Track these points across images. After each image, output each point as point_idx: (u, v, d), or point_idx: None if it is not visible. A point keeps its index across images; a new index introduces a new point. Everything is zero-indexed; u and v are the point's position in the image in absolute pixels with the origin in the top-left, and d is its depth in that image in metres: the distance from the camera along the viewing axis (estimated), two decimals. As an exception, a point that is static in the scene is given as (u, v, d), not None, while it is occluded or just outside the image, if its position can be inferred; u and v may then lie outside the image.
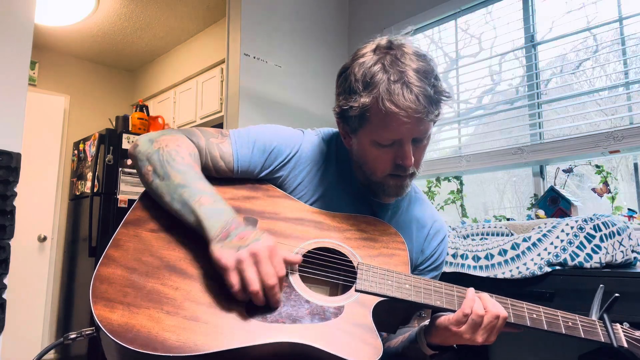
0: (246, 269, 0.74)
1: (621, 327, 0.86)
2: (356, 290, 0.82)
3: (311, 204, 0.96)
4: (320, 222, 0.92)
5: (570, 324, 0.84)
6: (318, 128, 1.07)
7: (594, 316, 0.87)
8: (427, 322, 0.93)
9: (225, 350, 0.70)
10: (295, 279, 0.83)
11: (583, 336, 0.83)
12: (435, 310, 0.90)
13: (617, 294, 0.86)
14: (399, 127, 0.83)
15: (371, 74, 0.84)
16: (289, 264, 0.79)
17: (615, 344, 0.82)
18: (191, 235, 0.83)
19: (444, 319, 0.85)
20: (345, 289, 0.86)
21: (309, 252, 0.87)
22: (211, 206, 0.81)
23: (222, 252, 0.75)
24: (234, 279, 0.74)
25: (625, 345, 0.83)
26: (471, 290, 0.85)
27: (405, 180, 0.92)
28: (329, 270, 0.87)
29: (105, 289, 0.75)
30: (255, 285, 0.73)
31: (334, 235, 0.91)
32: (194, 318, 0.73)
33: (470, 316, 0.81)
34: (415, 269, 1.04)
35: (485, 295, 0.84)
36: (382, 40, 0.88)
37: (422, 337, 0.91)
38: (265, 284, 0.74)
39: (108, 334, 0.69)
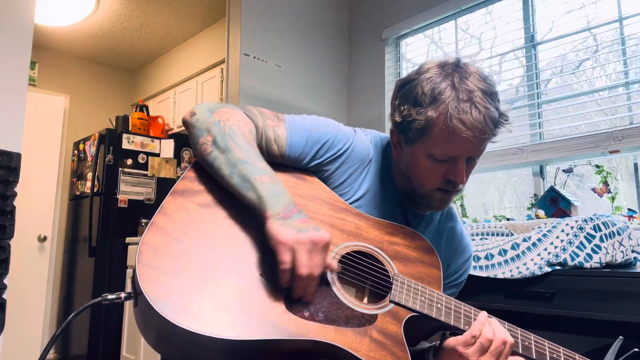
0: (301, 251, 0.75)
1: None
2: (390, 301, 0.84)
3: (352, 202, 0.97)
4: (361, 225, 0.93)
5: None
6: (367, 129, 1.08)
7: None
8: (437, 342, 0.93)
9: (259, 340, 0.71)
10: (334, 279, 0.84)
11: None
12: (454, 333, 0.91)
13: (636, 349, 0.86)
14: (460, 145, 0.85)
15: (440, 89, 0.85)
16: (328, 268, 0.81)
17: None
18: (240, 216, 0.83)
19: (452, 340, 0.86)
20: (373, 295, 0.87)
21: (347, 253, 0.88)
22: (272, 185, 0.82)
23: (283, 230, 0.76)
24: (287, 257, 0.75)
25: None
26: (483, 313, 0.86)
27: (452, 195, 0.95)
28: (364, 275, 0.88)
29: (151, 256, 0.74)
30: (305, 269, 0.75)
31: (372, 241, 0.92)
32: (234, 301, 0.73)
33: (479, 339, 0.82)
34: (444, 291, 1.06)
35: (494, 320, 0.86)
36: (450, 58, 0.90)
37: (430, 356, 0.91)
38: (311, 274, 0.76)
39: (149, 301, 0.69)
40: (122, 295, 0.79)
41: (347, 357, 0.75)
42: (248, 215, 0.82)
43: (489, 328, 0.83)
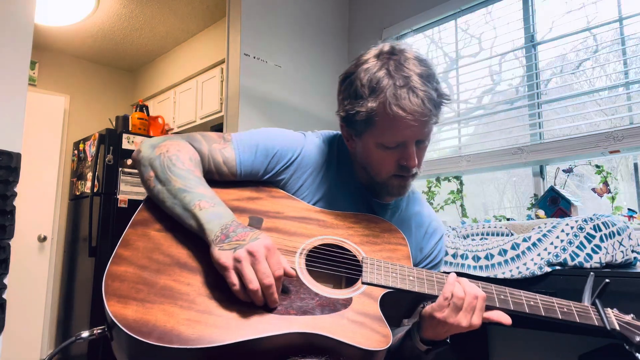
0: (244, 268, 0.75)
1: (612, 312, 0.90)
2: (363, 283, 0.85)
3: (313, 204, 0.99)
4: (324, 220, 0.95)
5: (565, 309, 0.88)
6: (319, 130, 1.09)
7: (587, 302, 0.91)
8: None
9: (240, 342, 0.72)
10: (303, 274, 0.85)
11: (578, 321, 0.87)
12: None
13: (607, 280, 0.91)
14: (404, 130, 0.87)
15: (377, 79, 0.87)
16: (286, 275, 0.80)
17: (608, 327, 0.86)
18: (197, 235, 0.84)
19: (428, 307, 0.87)
20: (349, 283, 0.88)
21: (314, 248, 0.90)
22: (211, 210, 0.83)
23: (221, 254, 0.77)
24: (233, 278, 0.75)
25: (618, 328, 0.87)
26: (452, 275, 0.88)
27: (408, 180, 0.96)
28: (335, 265, 0.90)
29: (117, 286, 0.76)
30: (254, 284, 0.74)
31: (337, 232, 0.94)
32: (208, 312, 0.75)
33: (452, 299, 0.84)
34: (415, 267, 1.06)
35: (464, 279, 0.87)
36: (385, 46, 0.92)
37: (415, 332, 0.93)
38: (262, 283, 0.75)
39: (124, 329, 0.70)
40: (97, 331, 0.79)
41: (328, 342, 0.75)
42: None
43: (460, 287, 0.85)
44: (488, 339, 2.19)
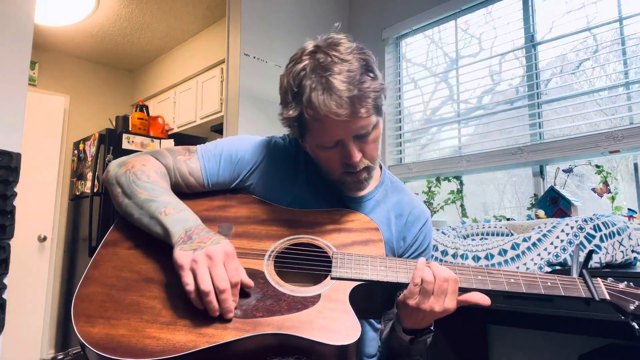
0: (199, 269, 0.75)
1: (603, 282, 0.85)
2: (332, 278, 0.84)
3: (286, 206, 0.98)
4: (294, 220, 0.95)
5: (549, 283, 0.84)
6: (286, 132, 1.07)
7: (575, 275, 0.87)
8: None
9: (205, 348, 0.72)
10: (270, 275, 0.84)
11: (563, 294, 0.82)
12: None
13: (591, 249, 0.86)
14: (335, 129, 0.85)
15: (297, 82, 0.85)
16: (241, 282, 0.79)
17: (597, 298, 0.82)
18: (166, 248, 0.84)
19: (401, 296, 0.86)
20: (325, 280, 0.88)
21: (285, 248, 0.90)
22: (176, 215, 0.84)
23: (180, 253, 0.77)
24: (187, 278, 0.75)
25: (608, 297, 0.82)
26: (421, 260, 0.85)
27: (362, 175, 0.93)
28: (305, 263, 0.89)
29: (85, 306, 0.78)
30: (206, 285, 0.74)
31: (308, 230, 0.93)
32: (173, 322, 0.76)
33: (422, 285, 0.82)
34: (400, 257, 1.04)
35: (434, 263, 0.85)
36: (309, 44, 0.88)
37: (398, 323, 0.91)
38: (217, 287, 0.75)
39: (90, 347, 0.72)
40: (74, 350, 0.81)
41: (298, 341, 0.74)
42: (169, 245, 0.84)
43: (429, 271, 0.82)
44: (488, 339, 2.19)
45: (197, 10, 3.57)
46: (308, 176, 1.02)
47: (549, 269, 1.51)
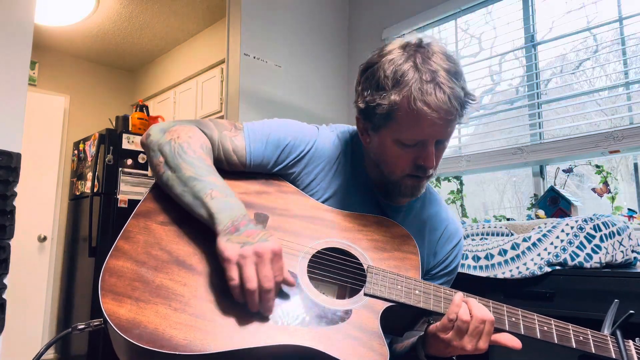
0: (247, 265, 0.73)
1: (633, 344, 0.83)
2: (365, 294, 0.81)
3: (323, 202, 0.95)
4: (332, 220, 0.91)
5: (581, 338, 0.82)
6: (333, 124, 1.05)
7: (606, 331, 0.85)
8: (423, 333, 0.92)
9: (230, 351, 0.70)
10: (303, 280, 0.82)
11: (594, 352, 0.81)
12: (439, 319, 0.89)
13: (632, 311, 0.84)
14: (427, 128, 0.82)
15: (402, 71, 0.81)
16: (284, 281, 0.78)
17: None
18: (202, 230, 0.81)
19: (433, 327, 0.84)
20: (353, 291, 0.86)
21: (318, 252, 0.86)
22: (222, 200, 0.80)
23: (227, 245, 0.74)
24: (233, 273, 0.73)
25: None
26: (458, 295, 0.82)
27: (423, 181, 0.91)
28: (338, 271, 0.86)
29: (114, 282, 0.74)
30: (252, 284, 0.72)
31: (344, 235, 0.89)
32: (201, 316, 0.73)
33: (456, 322, 0.79)
34: (427, 273, 1.02)
35: (472, 300, 0.82)
36: (412, 38, 0.86)
37: (420, 347, 0.89)
38: (262, 287, 0.73)
39: (116, 329, 0.69)
40: (95, 323, 0.78)
41: (322, 357, 0.73)
42: (208, 229, 0.81)
43: (466, 309, 0.80)
44: (488, 339, 2.18)
45: (197, 10, 3.57)
46: (351, 174, 0.98)
47: (549, 269, 1.51)
